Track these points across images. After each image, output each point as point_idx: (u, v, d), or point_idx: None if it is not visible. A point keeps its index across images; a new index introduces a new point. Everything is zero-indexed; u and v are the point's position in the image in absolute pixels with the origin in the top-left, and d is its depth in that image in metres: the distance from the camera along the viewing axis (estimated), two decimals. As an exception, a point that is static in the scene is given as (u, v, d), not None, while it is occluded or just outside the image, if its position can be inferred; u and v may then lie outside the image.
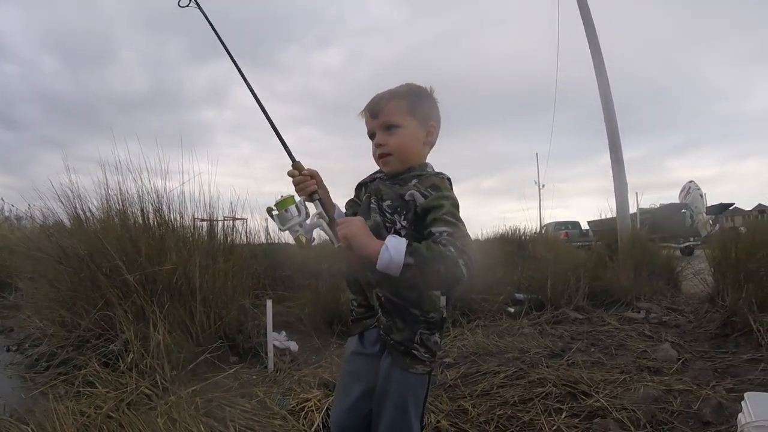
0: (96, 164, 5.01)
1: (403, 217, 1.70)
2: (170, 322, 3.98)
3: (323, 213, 1.74)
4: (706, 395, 3.49)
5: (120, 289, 4.14)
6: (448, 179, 1.80)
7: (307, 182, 1.79)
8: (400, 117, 1.79)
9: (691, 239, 19.51)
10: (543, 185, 27.79)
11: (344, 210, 2.00)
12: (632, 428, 3.05)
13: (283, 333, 4.89)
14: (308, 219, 1.74)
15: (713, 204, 22.17)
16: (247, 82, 1.94)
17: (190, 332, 4.14)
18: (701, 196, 21.65)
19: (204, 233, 5.08)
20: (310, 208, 1.76)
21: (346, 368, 1.96)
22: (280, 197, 1.73)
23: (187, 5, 2.20)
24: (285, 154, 1.80)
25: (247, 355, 4.39)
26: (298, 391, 3.52)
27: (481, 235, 11.11)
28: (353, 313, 1.91)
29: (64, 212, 4.92)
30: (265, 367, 4.18)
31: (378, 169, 1.93)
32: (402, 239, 1.52)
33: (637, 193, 12.53)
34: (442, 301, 1.73)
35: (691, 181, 22.62)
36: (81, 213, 4.85)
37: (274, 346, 4.30)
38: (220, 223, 5.24)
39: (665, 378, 3.93)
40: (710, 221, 20.74)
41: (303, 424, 3.08)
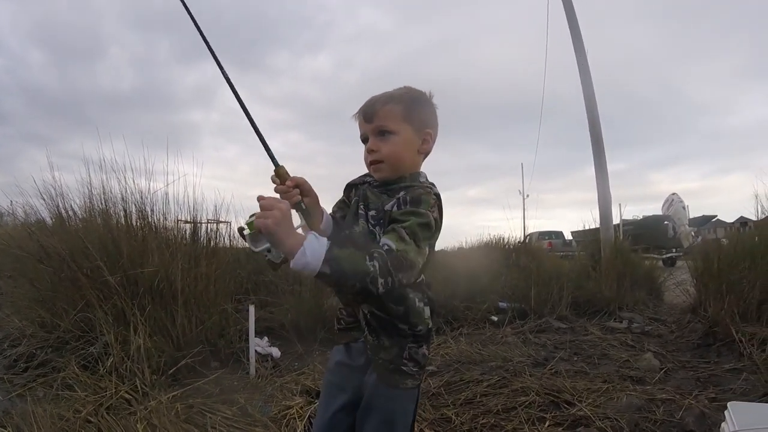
0: (80, 162, 4.97)
1: (382, 229, 1.63)
2: (151, 325, 3.95)
3: (305, 226, 1.68)
4: (689, 404, 3.51)
5: (101, 291, 4.10)
6: (436, 194, 1.68)
7: (289, 192, 1.67)
8: (395, 123, 1.71)
9: (674, 250, 19.64)
10: (527, 195, 27.85)
11: (332, 210, 1.93)
12: (615, 437, 3.06)
13: (266, 339, 4.86)
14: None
15: (696, 216, 22.42)
16: (229, 80, 1.86)
17: (171, 336, 4.09)
18: (684, 208, 21.83)
19: (187, 236, 5.04)
20: (295, 218, 1.68)
21: (329, 378, 1.88)
22: (252, 215, 1.54)
23: None
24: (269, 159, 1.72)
25: (229, 361, 4.35)
26: (279, 398, 3.50)
27: (465, 244, 11.13)
28: (341, 322, 1.82)
29: (47, 210, 4.87)
30: (247, 373, 4.15)
31: (367, 173, 1.85)
32: (323, 242, 1.40)
33: (620, 204, 12.58)
34: (427, 311, 1.68)
35: (674, 194, 22.81)
36: (63, 211, 4.80)
37: (256, 351, 4.27)
38: (203, 225, 5.21)
39: (648, 387, 3.94)
40: (692, 233, 20.93)
41: (285, 432, 3.06)
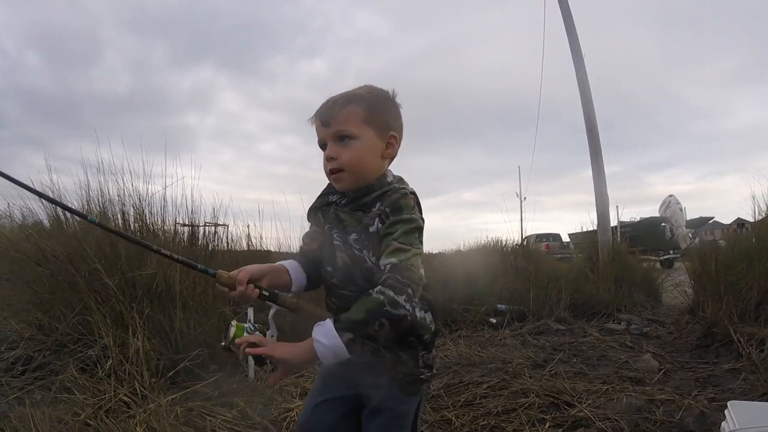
0: (77, 165, 4.97)
1: (371, 252, 1.55)
2: (149, 328, 3.93)
3: (277, 313, 1.63)
4: (688, 405, 3.51)
5: (99, 293, 4.08)
6: (411, 193, 1.60)
7: (245, 292, 1.56)
8: (356, 126, 1.59)
9: (671, 252, 19.68)
10: (525, 198, 27.84)
11: (301, 244, 1.85)
12: (615, 438, 3.05)
13: (258, 325, 4.84)
14: (269, 330, 1.58)
15: (693, 218, 22.44)
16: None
17: (170, 339, 4.08)
18: (681, 209, 21.88)
19: (185, 238, 5.04)
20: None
21: (324, 371, 1.83)
22: (227, 333, 1.53)
23: None
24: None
25: (227, 364, 4.33)
26: (279, 400, 3.49)
27: (462, 247, 11.13)
28: None
29: (44, 213, 4.87)
30: (246, 376, 4.13)
31: (327, 185, 1.75)
32: (326, 321, 1.38)
33: (618, 206, 12.59)
34: (429, 317, 1.65)
35: (671, 195, 22.85)
36: (61, 214, 4.80)
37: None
38: (201, 228, 5.21)
39: (647, 388, 3.94)
40: (690, 234, 20.96)
41: (285, 434, 3.05)
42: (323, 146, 1.65)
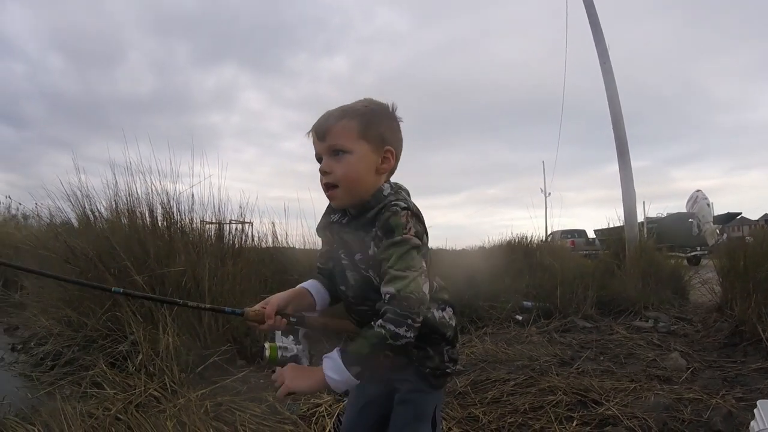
0: (101, 165, 5.03)
1: (376, 273, 1.54)
2: (179, 324, 3.96)
3: (308, 332, 1.69)
4: (716, 404, 3.47)
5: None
6: (403, 208, 1.51)
7: (275, 323, 1.63)
8: (350, 141, 1.58)
9: (698, 248, 19.46)
10: (549, 193, 27.62)
11: (318, 264, 1.85)
12: (644, 437, 3.03)
13: (291, 338, 4.86)
14: (298, 347, 1.63)
15: (720, 213, 22.13)
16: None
17: (199, 335, 4.12)
18: (708, 205, 21.57)
19: (212, 236, 5.07)
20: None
21: None
22: (263, 355, 1.62)
23: None
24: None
25: (255, 359, 4.36)
26: (308, 396, 3.50)
27: (487, 243, 11.09)
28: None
29: (73, 212, 4.92)
30: (273, 371, 4.14)
31: (327, 207, 1.74)
32: (334, 356, 1.41)
33: (644, 201, 12.47)
34: (449, 313, 1.67)
35: (698, 191, 22.53)
36: (90, 213, 4.85)
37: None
38: (228, 226, 5.24)
39: (675, 387, 3.91)
40: (717, 231, 20.67)
41: (314, 430, 3.07)
42: (320, 160, 1.65)
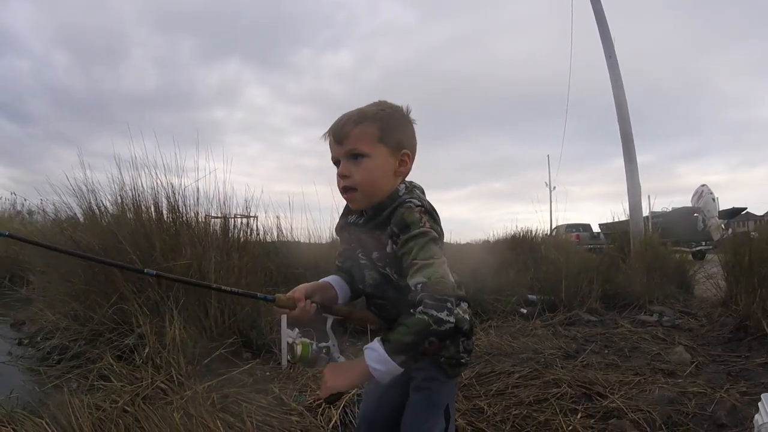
0: (107, 159, 5.04)
1: (394, 270, 1.60)
2: (185, 317, 3.98)
3: (333, 324, 1.70)
4: (720, 398, 3.48)
5: (134, 284, 4.15)
6: (417, 205, 1.58)
7: (305, 309, 1.66)
8: (369, 145, 1.61)
9: (703, 243, 19.40)
10: (554, 187, 27.54)
11: (337, 263, 1.89)
12: (648, 429, 3.04)
13: (296, 330, 4.88)
14: (329, 341, 1.67)
15: (725, 208, 22.02)
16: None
17: (205, 327, 4.14)
18: (714, 200, 21.41)
19: (218, 230, 5.09)
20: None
21: None
22: (293, 352, 1.66)
23: None
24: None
25: (261, 352, 4.39)
26: (314, 387, 3.51)
27: (492, 237, 11.10)
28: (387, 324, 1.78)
29: (78, 207, 4.94)
30: (279, 363, 4.17)
31: (345, 208, 1.81)
32: (376, 346, 1.42)
33: (649, 196, 12.42)
34: (463, 306, 1.64)
35: (703, 185, 22.37)
36: (95, 208, 4.87)
37: (287, 342, 4.29)
38: (233, 220, 5.26)
39: (679, 380, 3.91)
40: (722, 225, 20.57)
41: (320, 421, 3.08)
42: (336, 163, 1.68)
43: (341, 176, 1.64)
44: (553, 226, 12.01)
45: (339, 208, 1.88)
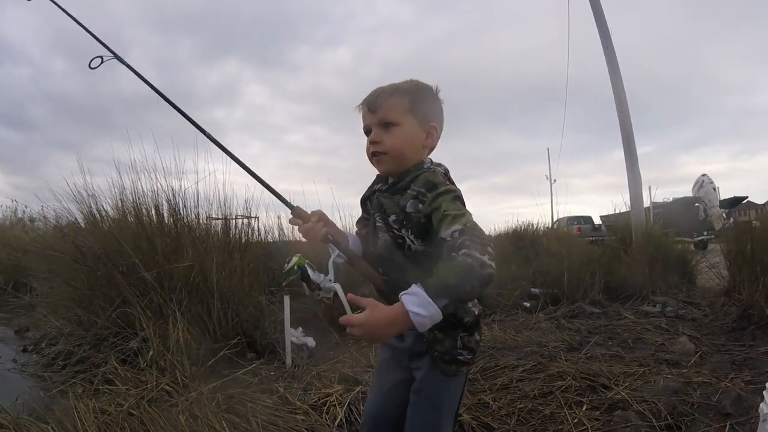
0: (107, 164, 5.04)
1: (410, 231, 1.64)
2: (188, 319, 3.99)
3: (340, 254, 1.69)
4: (725, 387, 3.48)
5: (137, 287, 4.15)
6: (443, 171, 1.72)
7: (316, 227, 1.70)
8: (400, 114, 1.70)
9: (705, 233, 19.36)
10: (555, 180, 27.56)
11: (356, 229, 1.97)
12: (653, 420, 3.04)
13: (300, 329, 4.89)
14: (328, 275, 1.62)
15: (726, 198, 21.98)
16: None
17: (208, 329, 4.15)
18: (714, 189, 21.37)
19: (219, 231, 5.09)
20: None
21: (381, 358, 1.94)
22: (288, 264, 1.64)
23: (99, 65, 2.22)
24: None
25: (265, 352, 4.39)
26: (318, 386, 3.52)
27: (493, 230, 11.09)
28: None
29: (79, 212, 4.94)
30: (283, 363, 4.18)
31: (375, 178, 1.87)
32: (416, 290, 1.34)
33: (650, 187, 12.39)
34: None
35: (704, 175, 22.33)
36: (96, 212, 4.87)
37: (291, 342, 4.29)
38: (235, 221, 5.26)
39: (684, 371, 3.92)
40: (724, 215, 20.53)
41: (326, 419, 3.09)
42: (368, 132, 1.76)
43: (372, 142, 1.73)
44: (555, 219, 12.02)
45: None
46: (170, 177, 4.82)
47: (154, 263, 4.22)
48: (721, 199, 21.41)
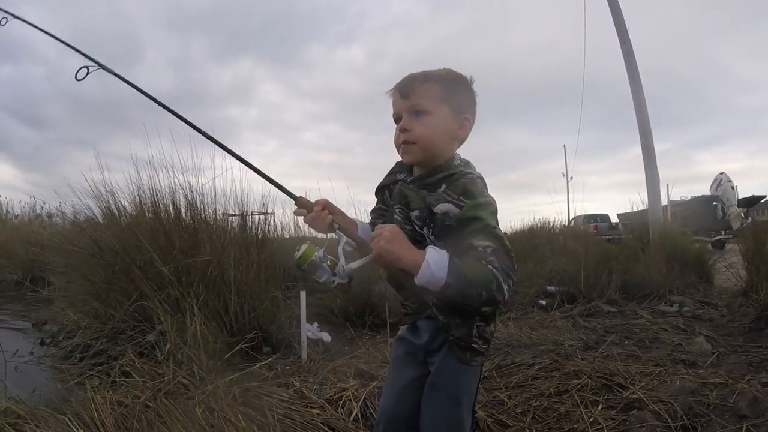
0: (123, 161, 5.07)
1: (431, 231, 1.59)
2: (205, 313, 4.01)
3: (349, 241, 1.68)
4: (742, 389, 3.44)
5: (155, 281, 4.19)
6: (480, 178, 1.62)
7: (321, 215, 1.71)
8: (432, 103, 1.63)
9: (723, 232, 19.21)
10: (571, 177, 27.37)
11: (369, 219, 1.94)
12: (669, 420, 3.01)
13: (316, 324, 4.89)
14: (339, 262, 1.61)
15: (744, 196, 21.79)
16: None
17: (225, 323, 4.17)
18: (733, 188, 21.16)
19: (236, 226, 5.12)
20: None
21: (395, 354, 1.91)
22: (298, 253, 1.60)
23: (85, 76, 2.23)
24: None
25: (281, 346, 4.41)
26: (334, 380, 3.53)
27: (510, 228, 11.08)
28: (407, 308, 1.81)
29: (97, 208, 4.98)
30: (299, 357, 4.20)
31: (395, 164, 1.83)
32: (443, 253, 1.41)
33: (668, 185, 12.30)
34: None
35: (722, 173, 22.12)
36: (114, 208, 4.90)
37: (307, 337, 4.31)
38: (251, 216, 5.28)
39: (700, 371, 3.88)
40: (742, 214, 20.35)
41: (341, 413, 3.09)
42: (397, 119, 1.70)
43: (402, 130, 1.67)
44: (571, 217, 11.97)
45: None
46: (187, 173, 4.85)
47: (172, 258, 4.25)
48: (740, 197, 21.23)
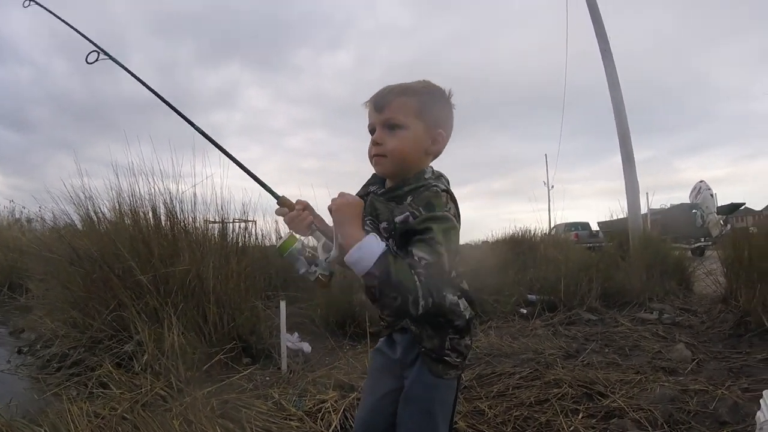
0: (105, 165, 5.03)
1: (395, 243, 1.58)
2: (184, 323, 3.97)
3: (327, 242, 1.66)
4: (722, 395, 3.47)
5: (133, 290, 4.14)
6: (446, 191, 1.59)
7: (301, 215, 1.69)
8: (406, 117, 1.61)
9: (702, 240, 19.41)
10: (552, 186, 27.53)
11: None
12: (650, 428, 3.03)
13: (296, 334, 4.88)
14: (318, 257, 1.64)
15: (723, 204, 22.04)
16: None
17: (204, 333, 4.13)
18: (712, 195, 21.45)
19: (216, 235, 5.08)
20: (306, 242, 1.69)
21: (372, 366, 1.90)
22: (280, 241, 1.63)
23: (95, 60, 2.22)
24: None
25: (260, 357, 4.38)
26: (313, 392, 3.51)
27: (491, 237, 11.11)
28: (384, 321, 1.81)
29: (76, 214, 4.92)
30: (279, 368, 4.17)
31: (371, 176, 1.80)
32: (381, 245, 1.42)
33: (648, 193, 12.42)
34: (463, 303, 1.66)
35: (701, 181, 22.46)
36: (93, 214, 4.85)
37: (287, 347, 4.28)
38: (232, 224, 5.25)
39: (680, 378, 3.91)
40: (721, 221, 20.60)
41: (320, 426, 3.07)
42: (372, 131, 1.67)
43: (374, 143, 1.65)
44: (552, 225, 12.03)
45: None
46: (168, 180, 4.81)
47: (151, 266, 4.21)
48: (719, 205, 21.48)
